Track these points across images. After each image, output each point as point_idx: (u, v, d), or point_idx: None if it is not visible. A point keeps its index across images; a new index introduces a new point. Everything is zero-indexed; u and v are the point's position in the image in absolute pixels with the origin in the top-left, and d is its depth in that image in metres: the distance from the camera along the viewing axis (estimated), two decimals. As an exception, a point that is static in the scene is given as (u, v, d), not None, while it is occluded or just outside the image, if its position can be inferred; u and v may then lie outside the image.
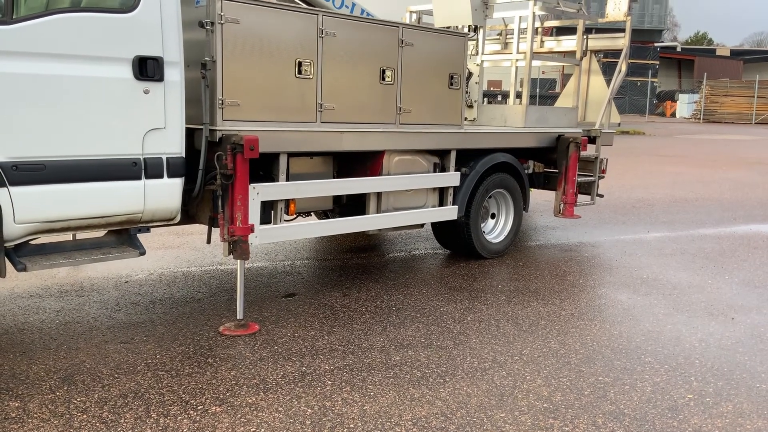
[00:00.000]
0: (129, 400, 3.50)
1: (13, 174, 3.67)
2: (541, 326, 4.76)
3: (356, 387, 3.72)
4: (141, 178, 4.17)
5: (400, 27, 5.50)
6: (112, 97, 4.00)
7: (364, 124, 5.33)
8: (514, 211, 6.82)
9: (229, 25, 4.42)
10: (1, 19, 3.61)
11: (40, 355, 4.05)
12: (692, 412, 3.51)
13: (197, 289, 5.49)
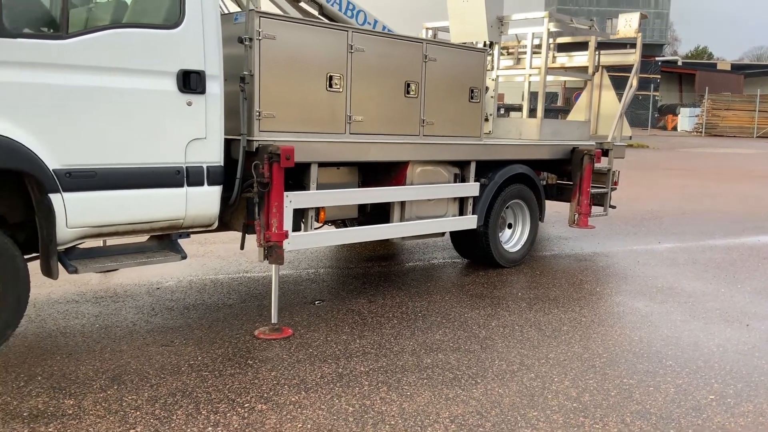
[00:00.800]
0: (178, 398, 3.67)
1: (67, 180, 3.86)
2: (563, 332, 4.92)
3: (392, 387, 3.88)
4: (183, 186, 4.35)
5: (424, 43, 5.70)
6: (158, 108, 4.19)
7: (389, 135, 5.52)
8: (530, 221, 7.00)
9: (266, 41, 4.62)
10: (56, 34, 3.80)
11: (86, 357, 4.21)
12: (715, 412, 3.67)
13: (227, 295, 5.65)
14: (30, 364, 4.08)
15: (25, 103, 3.70)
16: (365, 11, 6.62)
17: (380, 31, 5.99)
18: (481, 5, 7.42)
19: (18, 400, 3.60)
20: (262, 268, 6.62)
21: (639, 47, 7.98)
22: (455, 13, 7.71)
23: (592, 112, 8.31)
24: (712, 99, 42.32)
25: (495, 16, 7.52)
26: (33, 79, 3.73)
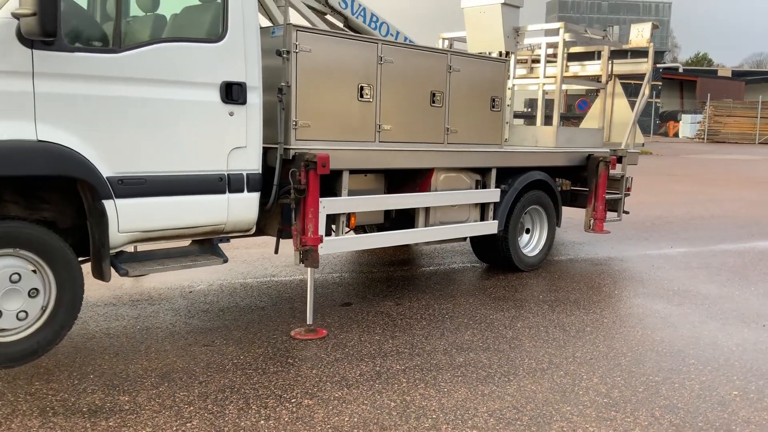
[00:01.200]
0: (227, 394, 3.85)
1: (119, 187, 4.05)
2: (587, 332, 5.11)
3: (429, 384, 4.06)
4: (225, 192, 4.55)
5: (449, 54, 5.91)
6: (203, 118, 4.39)
7: (416, 143, 5.72)
8: (548, 227, 7.19)
9: (302, 54, 4.82)
10: (110, 48, 4.00)
11: (133, 356, 4.40)
12: (739, 406, 3.85)
13: (258, 298, 5.84)
14: (80, 363, 4.26)
15: (80, 113, 3.89)
16: (388, 23, 6.83)
17: (408, 43, 6.19)
18: (498, 17, 7.62)
19: (75, 396, 3.79)
20: (288, 272, 6.82)
21: (651, 57, 8.19)
22: (472, 24, 7.92)
23: (605, 120, 8.50)
24: (713, 105, 42.59)
25: (511, 27, 7.73)
26: (88, 91, 3.92)
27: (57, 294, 3.94)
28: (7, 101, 3.64)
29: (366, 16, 6.58)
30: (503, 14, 7.62)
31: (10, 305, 3.75)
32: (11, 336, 3.82)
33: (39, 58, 3.72)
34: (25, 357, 3.89)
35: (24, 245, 3.79)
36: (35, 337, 3.90)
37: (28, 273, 3.81)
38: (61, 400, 3.74)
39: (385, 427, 3.49)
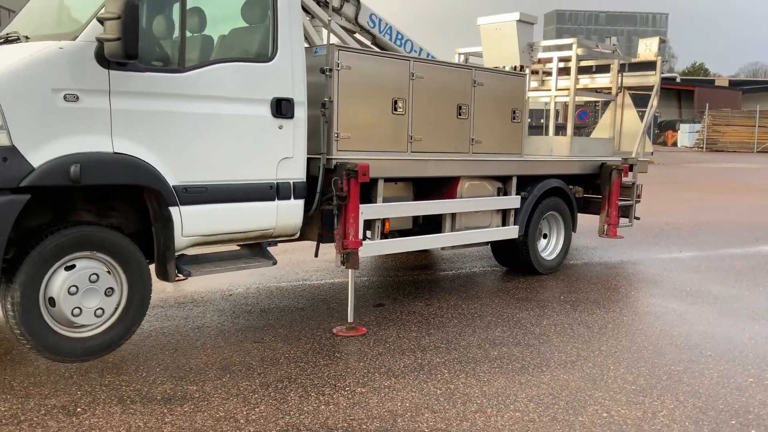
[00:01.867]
0: (286, 383, 4.20)
1: (183, 195, 4.42)
2: (609, 329, 5.47)
3: (470, 374, 4.42)
4: (275, 200, 4.91)
5: (473, 69, 6.30)
6: (256, 132, 4.77)
7: (444, 153, 6.09)
8: (564, 232, 7.56)
9: (343, 71, 5.20)
10: (175, 68, 4.37)
11: (192, 352, 4.74)
12: (756, 391, 4.20)
13: (295, 300, 6.19)
14: (143, 358, 4.60)
15: (150, 127, 4.26)
16: (411, 40, 7.22)
17: (437, 60, 6.58)
18: (513, 33, 8.02)
19: (147, 387, 4.13)
20: (318, 276, 7.17)
21: (659, 69, 8.58)
22: (489, 40, 8.32)
23: (615, 130, 8.88)
24: (712, 115, 43.05)
25: (525, 43, 8.13)
26: (156, 107, 4.30)
27: (128, 293, 4.30)
28: (88, 117, 4.01)
29: (392, 34, 6.97)
30: (518, 31, 8.01)
31: (89, 303, 4.11)
32: (89, 331, 4.17)
33: (114, 77, 4.09)
34: (100, 351, 4.25)
35: (100, 248, 4.15)
36: (109, 332, 4.25)
37: (105, 273, 4.17)
38: (134, 390, 4.08)
39: (435, 411, 3.84)
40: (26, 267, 3.88)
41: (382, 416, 3.76)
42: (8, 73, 3.78)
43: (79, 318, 4.07)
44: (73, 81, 3.95)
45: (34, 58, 3.86)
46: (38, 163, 3.82)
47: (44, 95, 3.86)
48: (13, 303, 3.87)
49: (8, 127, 3.74)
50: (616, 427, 3.66)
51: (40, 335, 3.97)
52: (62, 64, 3.93)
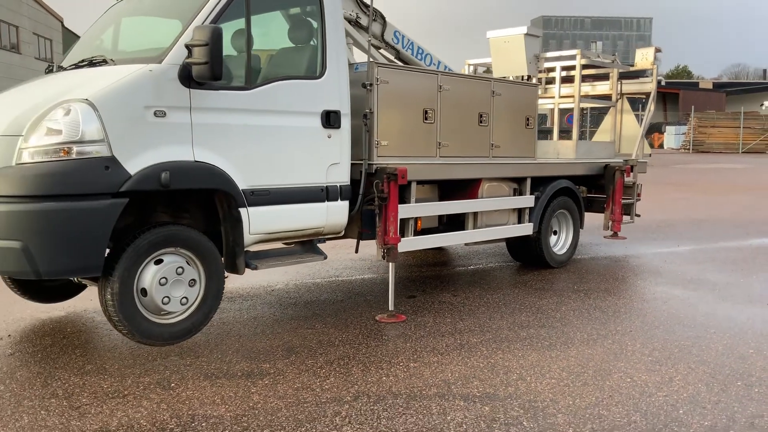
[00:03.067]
0: (347, 361, 4.79)
1: (251, 197, 5.01)
2: (622, 312, 6.10)
3: (506, 351, 5.03)
4: (325, 201, 5.51)
5: (492, 81, 6.93)
6: (309, 140, 5.37)
7: (467, 157, 6.71)
8: (573, 228, 8.19)
9: (382, 85, 5.82)
10: (243, 86, 4.98)
11: (255, 337, 5.32)
12: (756, 359, 4.84)
13: (333, 293, 6.79)
14: (215, 343, 5.18)
15: (222, 138, 4.85)
16: (431, 54, 7.85)
17: (460, 73, 7.22)
18: (521, 45, 8.68)
19: (225, 366, 4.71)
20: (348, 273, 7.77)
21: (655, 77, 9.26)
22: (497, 52, 8.97)
23: (616, 134, 9.55)
24: (698, 117, 44.04)
25: (532, 54, 8.78)
26: (228, 120, 4.89)
27: (206, 284, 4.88)
28: (173, 130, 4.60)
29: (414, 48, 7.60)
30: (526, 43, 8.67)
31: (176, 293, 4.69)
32: (175, 318, 4.75)
33: (194, 95, 4.69)
34: (183, 335, 4.83)
35: (184, 245, 4.73)
36: (191, 319, 4.84)
37: (188, 267, 4.75)
38: (215, 368, 4.65)
39: (482, 379, 4.45)
40: (123, 261, 4.45)
41: (437, 384, 4.36)
42: (108, 93, 4.36)
43: (168, 306, 4.65)
44: (161, 99, 4.54)
45: (129, 80, 4.44)
46: (134, 171, 4.40)
47: (138, 112, 4.45)
48: (112, 293, 4.44)
49: (109, 140, 4.32)
50: (640, 389, 4.28)
51: (134, 321, 4.55)
52: (152, 84, 4.52)
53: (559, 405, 4.03)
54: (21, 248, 4.16)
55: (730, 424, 3.77)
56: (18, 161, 4.30)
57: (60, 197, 4.21)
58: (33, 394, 4.22)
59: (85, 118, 4.25)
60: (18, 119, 4.39)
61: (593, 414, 3.90)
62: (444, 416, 3.87)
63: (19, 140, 4.30)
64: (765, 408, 4.00)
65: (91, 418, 3.85)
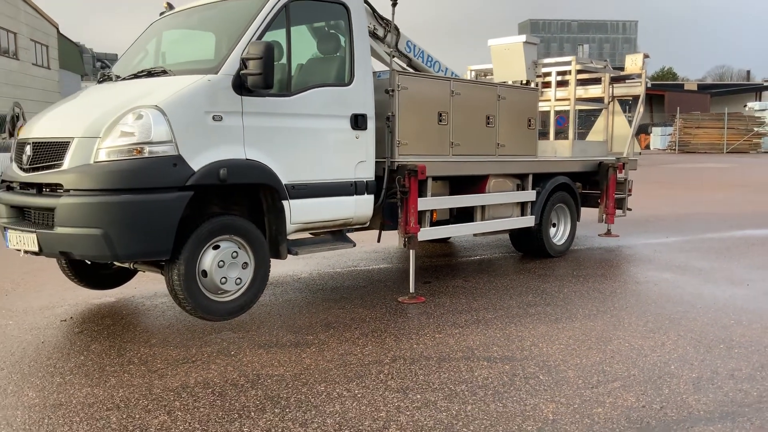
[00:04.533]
0: (379, 333, 5.47)
1: (292, 191, 5.68)
2: (618, 293, 6.81)
3: (518, 324, 5.72)
4: (353, 195, 6.19)
5: (498, 86, 7.64)
6: (340, 141, 6.05)
7: (476, 155, 7.41)
8: (570, 221, 8.91)
9: (402, 91, 6.51)
10: (285, 93, 5.65)
11: (294, 316, 5.98)
12: (736, 328, 5.56)
13: (354, 281, 7.46)
14: (259, 321, 5.83)
15: (268, 139, 5.52)
16: (439, 61, 8.54)
17: (470, 79, 7.93)
18: (520, 52, 9.39)
19: (274, 338, 5.37)
20: (365, 263, 8.45)
21: (644, 81, 10.01)
22: (498, 58, 9.67)
23: (608, 134, 10.28)
24: (683, 118, 45.02)
25: (531, 60, 9.50)
26: (273, 123, 5.56)
27: (255, 267, 5.54)
28: (228, 132, 5.26)
29: (424, 57, 8.29)
30: (525, 50, 9.38)
31: (232, 274, 5.35)
32: (230, 296, 5.41)
33: (245, 102, 5.36)
34: (237, 311, 5.49)
35: (237, 232, 5.40)
36: (242, 298, 5.50)
37: (241, 252, 5.42)
38: (266, 340, 5.31)
39: (500, 346, 5.13)
40: (188, 246, 5.11)
41: (461, 350, 5.05)
42: (174, 100, 5.03)
43: (225, 285, 5.31)
44: (218, 105, 5.21)
45: (192, 88, 5.11)
46: (197, 168, 5.06)
47: (199, 116, 5.11)
48: (179, 274, 5.10)
49: (176, 141, 4.98)
50: (636, 351, 4.99)
51: (197, 299, 5.21)
52: (210, 92, 5.18)
53: (569, 364, 4.73)
54: (102, 235, 4.81)
55: (713, 376, 4.48)
56: (95, 160, 4.95)
57: (135, 190, 4.86)
58: (112, 362, 4.86)
59: (155, 122, 4.90)
60: (94, 123, 5.04)
61: (598, 370, 4.60)
62: (472, 373, 4.56)
63: (97, 141, 4.95)
64: (743, 364, 4.71)
65: (170, 379, 4.50)
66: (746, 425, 3.73)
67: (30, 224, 5.27)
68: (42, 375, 4.61)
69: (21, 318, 6.06)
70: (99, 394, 4.25)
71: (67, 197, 4.91)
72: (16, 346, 5.26)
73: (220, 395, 4.21)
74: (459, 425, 3.74)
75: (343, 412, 3.93)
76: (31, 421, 3.86)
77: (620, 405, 4.00)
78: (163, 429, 3.73)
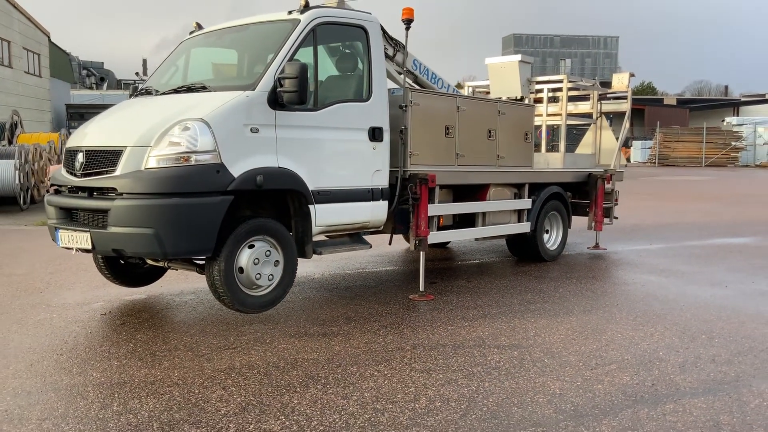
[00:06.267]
0: (397, 325, 6.05)
1: (317, 197, 6.26)
2: (609, 293, 7.46)
3: (521, 318, 6.33)
4: (370, 201, 6.78)
5: (498, 102, 8.30)
6: (360, 152, 6.64)
7: (479, 166, 8.04)
8: (562, 227, 9.57)
9: (414, 107, 7.13)
10: (313, 107, 6.24)
11: (316, 311, 6.55)
12: (716, 322, 6.21)
13: (365, 281, 8.04)
14: (285, 315, 6.39)
15: (298, 149, 6.10)
16: (442, 78, 9.19)
17: (474, 96, 8.57)
18: (516, 70, 10.06)
19: (303, 329, 5.94)
20: (372, 266, 9.03)
21: (629, 98, 10.72)
22: (495, 76, 10.34)
23: (596, 147, 10.98)
24: (663, 132, 46.17)
25: (526, 78, 10.17)
26: (302, 135, 6.15)
27: (284, 265, 6.11)
28: (263, 143, 5.84)
29: (428, 74, 8.93)
30: (520, 68, 10.05)
31: (265, 271, 5.92)
32: (263, 291, 5.98)
33: (278, 116, 5.94)
34: (268, 305, 6.05)
35: (269, 233, 5.97)
36: (273, 293, 6.06)
37: (273, 250, 5.99)
38: (295, 331, 5.87)
39: (507, 336, 5.74)
40: (228, 245, 5.67)
41: (473, 339, 5.65)
42: (218, 114, 5.60)
43: (259, 281, 5.88)
44: (254, 118, 5.79)
45: (233, 103, 5.69)
46: (237, 174, 5.63)
47: (239, 128, 5.69)
48: (219, 270, 5.66)
49: (219, 150, 5.55)
50: (628, 340, 5.62)
51: (235, 293, 5.76)
52: (248, 107, 5.76)
53: (570, 350, 5.35)
54: (153, 234, 5.36)
55: (696, 360, 5.12)
56: (146, 166, 5.50)
57: (183, 194, 5.42)
58: (159, 347, 5.41)
59: (201, 133, 5.48)
60: (145, 134, 5.59)
61: (595, 355, 5.22)
62: (485, 357, 5.16)
63: (147, 150, 5.51)
64: (723, 351, 5.36)
65: (217, 361, 5.06)
66: (725, 398, 4.36)
67: (81, 224, 5.80)
68: (99, 359, 5.14)
69: (62, 312, 6.57)
70: (157, 374, 4.79)
71: (121, 200, 5.45)
72: (66, 335, 5.78)
73: (266, 374, 4.77)
74: (480, 398, 4.34)
75: (377, 388, 4.50)
76: (103, 395, 4.39)
77: (617, 383, 4.62)
78: (223, 401, 4.29)
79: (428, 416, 4.04)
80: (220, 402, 4.27)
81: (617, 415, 4.07)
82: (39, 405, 4.23)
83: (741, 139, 45.55)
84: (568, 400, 4.29)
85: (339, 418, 4.02)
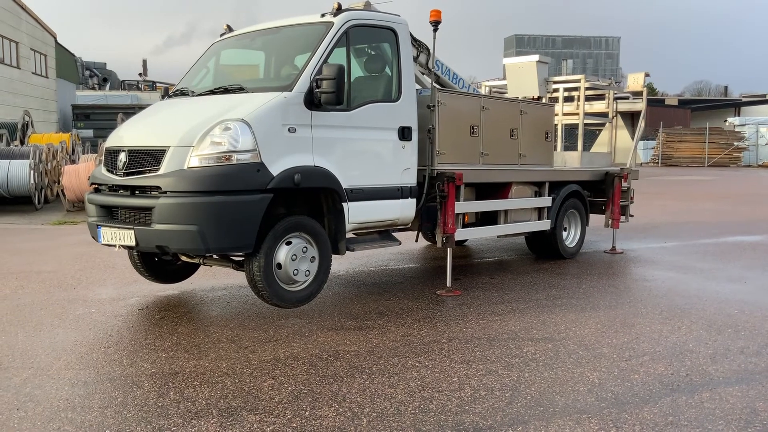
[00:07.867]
0: (430, 319, 6.21)
1: (350, 194, 6.42)
2: (631, 288, 7.62)
3: (549, 313, 6.49)
4: (399, 198, 6.94)
5: (520, 102, 8.46)
6: (390, 150, 6.81)
7: (502, 164, 8.21)
8: (581, 225, 9.73)
9: (442, 107, 7.29)
10: (346, 108, 6.40)
11: (347, 306, 6.71)
12: (740, 316, 6.37)
13: (390, 278, 8.20)
14: (318, 310, 6.54)
15: (332, 148, 6.26)
16: (462, 78, 9.35)
17: (497, 96, 8.73)
18: (533, 70, 10.24)
19: (339, 323, 6.09)
20: (395, 263, 9.19)
21: (645, 97, 10.89)
22: (512, 76, 10.52)
23: (612, 146, 11.15)
24: (665, 133, 46.32)
25: (543, 78, 10.34)
26: (335, 134, 6.31)
27: (320, 261, 6.27)
28: (300, 143, 6.00)
29: (450, 74, 9.09)
30: (537, 68, 10.23)
31: (302, 267, 6.08)
32: (300, 286, 6.14)
33: (314, 116, 6.10)
34: (304, 300, 6.21)
35: (305, 230, 6.13)
36: (309, 288, 6.22)
37: (310, 247, 6.15)
38: (331, 324, 6.03)
39: (539, 329, 5.90)
40: (267, 241, 5.83)
41: (506, 332, 5.81)
42: (258, 114, 5.76)
43: (296, 276, 6.04)
44: (291, 118, 5.95)
45: (271, 104, 5.85)
46: (276, 173, 5.79)
47: (278, 128, 5.85)
48: (259, 266, 5.82)
49: (259, 149, 5.71)
50: (657, 333, 5.78)
51: (274, 288, 5.93)
52: (286, 107, 5.93)
53: (602, 343, 5.51)
54: (197, 231, 5.52)
55: (726, 352, 5.28)
56: (189, 166, 5.66)
57: (225, 192, 5.58)
58: (202, 340, 5.57)
59: (242, 133, 5.64)
60: (187, 134, 5.75)
61: (628, 347, 5.38)
62: (521, 349, 5.32)
63: (190, 150, 5.67)
64: (750, 343, 5.52)
65: (261, 353, 5.22)
66: (759, 387, 4.52)
67: (123, 222, 5.96)
68: (147, 351, 5.30)
69: (100, 307, 6.73)
70: (205, 365, 4.95)
71: (165, 198, 5.61)
72: (109, 329, 5.94)
73: (312, 365, 4.93)
74: (522, 387, 4.50)
75: (421, 378, 4.67)
76: (157, 385, 4.55)
77: (652, 373, 4.78)
78: (275, 390, 4.45)
79: (475, 404, 4.20)
80: (273, 390, 4.43)
81: (657, 402, 4.23)
82: (98, 394, 4.39)
83: (743, 140, 45.70)
84: (608, 389, 4.45)
85: (390, 406, 4.17)
